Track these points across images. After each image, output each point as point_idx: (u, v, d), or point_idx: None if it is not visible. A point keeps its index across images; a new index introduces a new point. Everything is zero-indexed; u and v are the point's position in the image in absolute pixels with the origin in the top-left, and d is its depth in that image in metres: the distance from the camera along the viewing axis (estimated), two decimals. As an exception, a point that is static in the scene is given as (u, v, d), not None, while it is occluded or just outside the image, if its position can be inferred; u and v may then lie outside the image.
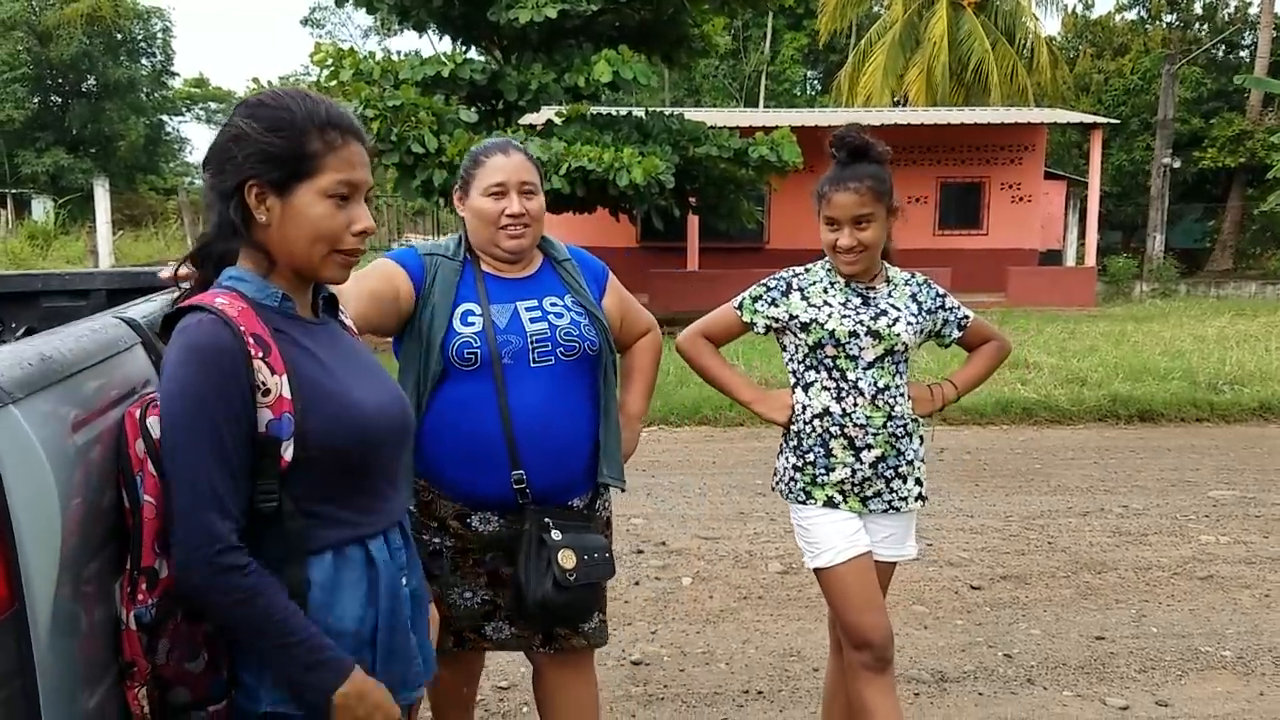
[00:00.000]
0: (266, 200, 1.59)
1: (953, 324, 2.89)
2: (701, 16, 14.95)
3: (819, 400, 2.73)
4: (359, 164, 1.64)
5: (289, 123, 1.59)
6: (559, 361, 2.48)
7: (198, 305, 1.57)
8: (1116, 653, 4.12)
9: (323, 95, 1.68)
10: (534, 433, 2.43)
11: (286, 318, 1.64)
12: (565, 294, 2.58)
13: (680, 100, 36.63)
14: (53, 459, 1.35)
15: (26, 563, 1.27)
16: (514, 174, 2.49)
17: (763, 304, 2.82)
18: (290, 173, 1.58)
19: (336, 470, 1.61)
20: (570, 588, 2.39)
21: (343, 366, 1.68)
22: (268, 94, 1.64)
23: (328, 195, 1.60)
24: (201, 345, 1.51)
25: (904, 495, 2.77)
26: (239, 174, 1.58)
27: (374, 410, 1.66)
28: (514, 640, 2.60)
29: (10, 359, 1.36)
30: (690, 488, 6.56)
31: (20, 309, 2.76)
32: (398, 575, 1.72)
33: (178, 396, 1.51)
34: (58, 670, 1.34)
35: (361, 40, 47.24)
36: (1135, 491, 6.55)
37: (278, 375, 1.56)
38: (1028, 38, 28.49)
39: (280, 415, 1.55)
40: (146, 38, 44.89)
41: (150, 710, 1.57)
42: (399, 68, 13.43)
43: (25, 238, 25.94)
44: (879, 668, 2.68)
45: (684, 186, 14.34)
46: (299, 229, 1.60)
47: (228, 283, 1.62)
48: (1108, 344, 12.35)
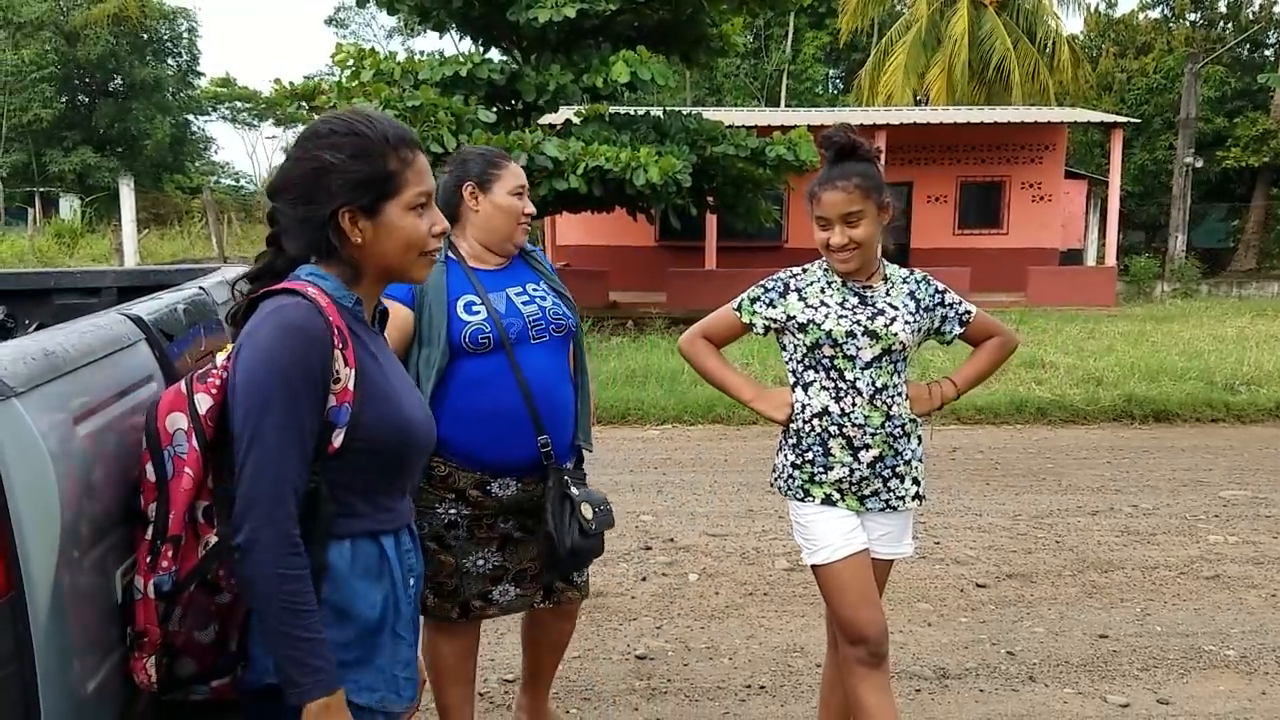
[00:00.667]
0: (359, 223, 1.69)
1: (953, 320, 2.88)
2: (720, 16, 14.97)
3: (818, 400, 2.75)
4: (427, 171, 1.76)
5: (368, 149, 1.68)
6: (551, 338, 2.82)
7: (289, 289, 1.65)
8: (1119, 651, 4.14)
9: (377, 111, 1.79)
10: (546, 400, 2.75)
11: (357, 319, 1.74)
12: (539, 280, 2.93)
13: (701, 99, 36.62)
14: (54, 451, 1.41)
15: (26, 550, 1.33)
16: (524, 179, 2.88)
17: (761, 305, 2.85)
18: (379, 195, 1.69)
19: (373, 466, 1.70)
20: (591, 535, 2.75)
21: (394, 375, 1.79)
22: (335, 122, 1.72)
23: (411, 208, 1.72)
24: (298, 326, 1.59)
25: (901, 494, 2.79)
26: (332, 202, 1.67)
27: (415, 419, 1.77)
28: (518, 601, 2.88)
29: (14, 354, 1.42)
30: (700, 485, 6.61)
31: (33, 306, 2.84)
32: (406, 574, 1.79)
33: (271, 371, 1.57)
34: (56, 654, 1.40)
35: (385, 40, 47.60)
36: (1146, 491, 6.55)
37: (349, 368, 1.66)
38: (1049, 36, 28.29)
39: (341, 405, 1.65)
40: (172, 38, 45.26)
41: (158, 680, 1.64)
42: (419, 68, 13.53)
43: (52, 236, 26.25)
44: (874, 663, 2.72)
45: (702, 186, 14.37)
46: (393, 242, 1.72)
47: (308, 277, 1.71)
48: (1126, 344, 12.30)
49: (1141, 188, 29.91)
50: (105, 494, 1.57)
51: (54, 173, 39.30)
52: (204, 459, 1.62)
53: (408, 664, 1.79)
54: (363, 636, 1.71)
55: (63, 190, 38.04)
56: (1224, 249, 29.11)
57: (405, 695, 1.78)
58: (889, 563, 2.89)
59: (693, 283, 17.56)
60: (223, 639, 1.67)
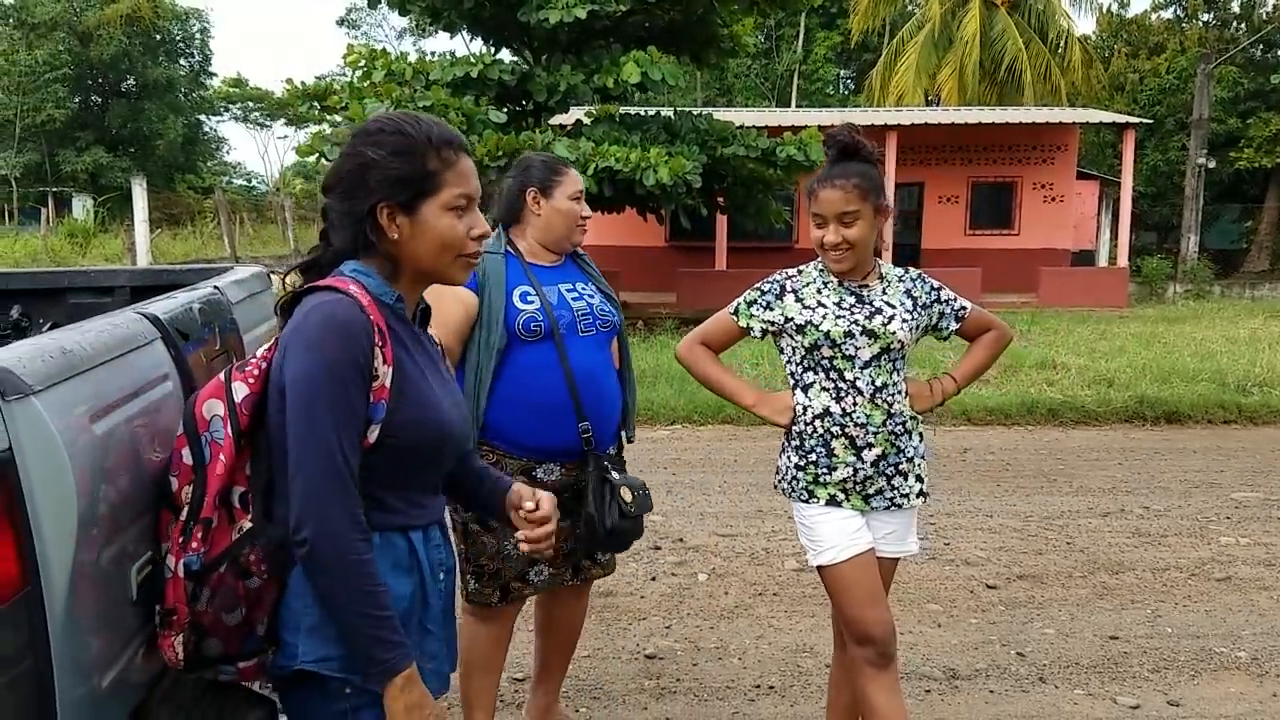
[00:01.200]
0: (396, 219, 1.73)
1: (950, 316, 2.89)
2: (731, 17, 14.97)
3: (819, 401, 2.76)
4: (471, 175, 1.78)
5: (410, 146, 1.72)
6: (598, 332, 3.01)
7: (332, 287, 1.69)
8: (1130, 652, 4.13)
9: (426, 115, 1.81)
10: (589, 390, 2.92)
11: (397, 317, 1.77)
12: (588, 281, 3.12)
13: (712, 100, 36.62)
14: (70, 447, 1.42)
15: (43, 545, 1.35)
16: (581, 185, 3.08)
17: (757, 308, 2.85)
18: (416, 192, 1.72)
19: (406, 462, 1.73)
20: (631, 518, 2.90)
21: (431, 372, 1.81)
22: (385, 120, 1.78)
23: (449, 208, 1.74)
24: (344, 321, 1.64)
25: (905, 492, 2.80)
26: (371, 198, 1.71)
27: (448, 417, 1.79)
28: (550, 580, 3.04)
29: (32, 352, 1.43)
30: (710, 486, 6.61)
31: (47, 305, 2.86)
32: (435, 568, 1.82)
33: (321, 365, 1.62)
34: (73, 647, 1.42)
35: (396, 41, 47.66)
36: (1157, 493, 6.53)
37: (386, 365, 1.69)
38: (1061, 36, 28.22)
39: (378, 401, 1.68)
40: (185, 38, 45.42)
41: (184, 657, 1.67)
42: (430, 69, 13.56)
43: (65, 235, 26.39)
44: (882, 663, 2.72)
45: (712, 186, 14.38)
46: (428, 241, 1.74)
47: (351, 274, 1.75)
48: (1137, 345, 12.27)
49: (1154, 188, 29.82)
50: (120, 491, 1.58)
51: (67, 172, 39.48)
52: (238, 445, 1.67)
53: (434, 657, 1.81)
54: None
55: (75, 190, 38.23)
56: (1237, 250, 29.00)
57: (433, 688, 1.79)
58: (895, 561, 2.89)
59: (703, 283, 17.57)
60: (249, 622, 1.69)
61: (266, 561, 1.67)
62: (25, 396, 1.35)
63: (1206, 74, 23.51)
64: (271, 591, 1.69)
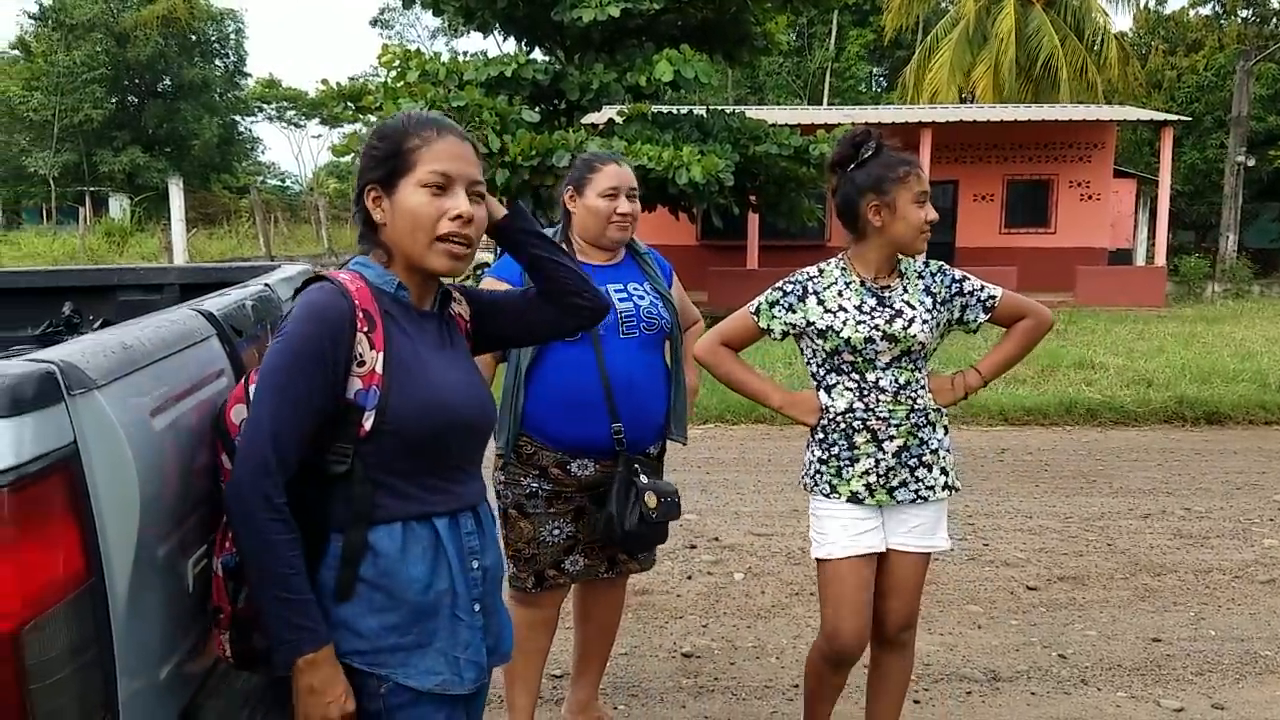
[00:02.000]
0: (381, 202, 1.77)
1: (976, 307, 2.83)
2: (763, 14, 14.93)
3: (842, 400, 2.77)
4: (455, 156, 1.77)
5: (390, 129, 1.78)
6: (641, 334, 2.99)
7: (323, 276, 1.75)
8: (1173, 655, 4.09)
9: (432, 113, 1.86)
10: (625, 391, 2.92)
11: (398, 303, 1.79)
12: (644, 281, 3.11)
13: (743, 98, 36.54)
14: (133, 440, 1.44)
15: (106, 537, 1.36)
16: (625, 180, 3.04)
17: (779, 309, 2.83)
18: (392, 170, 1.75)
19: (408, 447, 1.72)
20: (652, 523, 2.90)
21: (437, 356, 1.81)
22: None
23: (423, 185, 1.74)
24: (316, 305, 1.69)
25: (930, 484, 2.80)
26: (361, 181, 1.78)
27: (454, 400, 1.78)
28: (586, 570, 3.08)
29: (95, 348, 1.45)
30: (745, 485, 6.60)
31: (97, 302, 2.90)
32: (465, 557, 1.80)
33: (284, 341, 1.67)
34: (133, 639, 1.43)
35: (429, 41, 47.93)
36: (1199, 494, 6.45)
37: (375, 351, 1.70)
38: (1098, 33, 27.96)
39: (368, 387, 1.69)
40: (220, 39, 45.84)
41: (232, 654, 1.71)
42: (464, 69, 13.61)
43: (102, 235, 26.71)
44: (838, 667, 2.90)
45: (744, 184, 14.35)
46: (402, 221, 1.76)
47: (354, 266, 1.81)
48: (1176, 345, 12.13)
49: (1192, 187, 29.47)
50: (180, 484, 1.60)
51: (104, 172, 39.95)
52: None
53: (469, 645, 1.80)
54: (417, 619, 1.73)
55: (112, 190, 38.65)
56: (1276, 249, 28.57)
57: (468, 677, 1.80)
58: (925, 556, 2.88)
59: (734, 282, 17.52)
60: None
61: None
62: (89, 391, 1.37)
63: (1245, 71, 23.20)
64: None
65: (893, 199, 2.69)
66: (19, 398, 1.24)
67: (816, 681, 2.98)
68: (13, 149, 40.28)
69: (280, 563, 1.61)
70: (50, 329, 2.74)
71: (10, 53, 42.53)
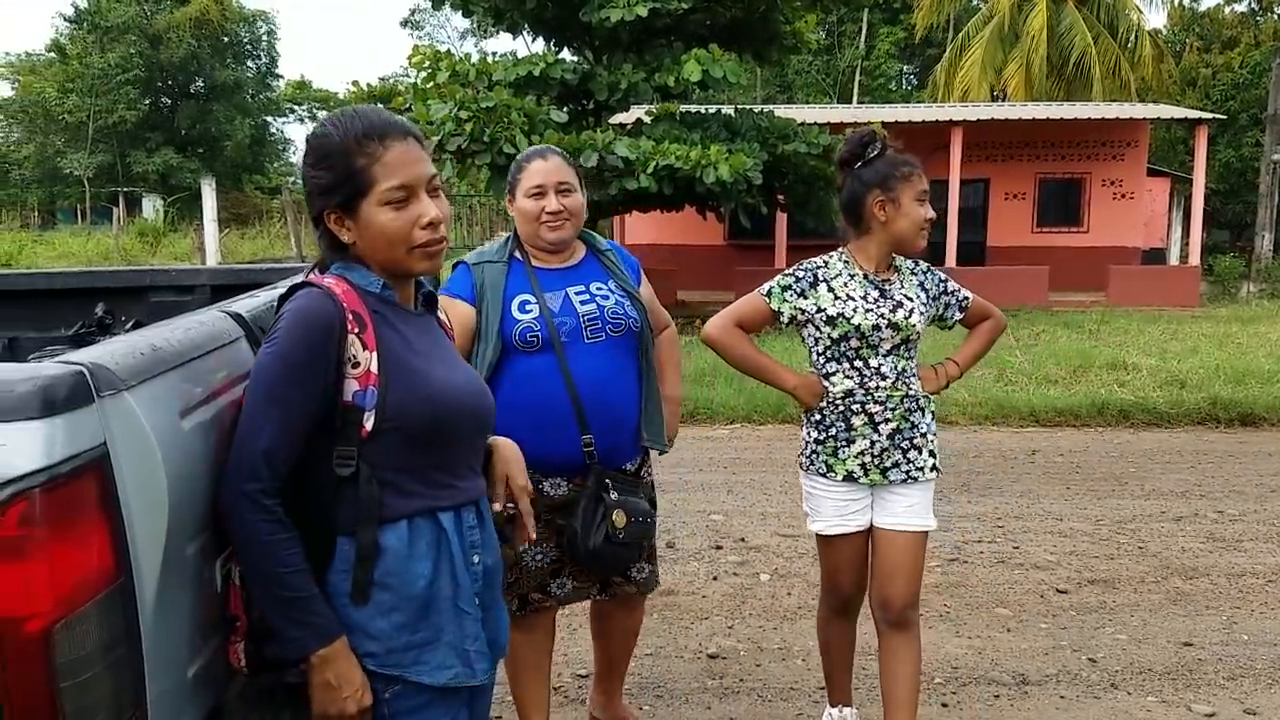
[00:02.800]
0: (345, 222, 1.76)
1: (954, 307, 3.10)
2: (793, 13, 14.88)
3: (841, 387, 2.94)
4: (408, 162, 1.74)
5: (330, 150, 1.73)
6: (608, 338, 2.81)
7: (308, 283, 1.75)
8: (1205, 659, 4.04)
9: (365, 108, 1.79)
10: (595, 401, 2.76)
11: (385, 302, 1.79)
12: (608, 279, 2.93)
13: (772, 97, 36.46)
14: (162, 442, 1.46)
15: (135, 538, 1.38)
16: (551, 176, 2.82)
17: (791, 294, 2.98)
18: (348, 194, 1.73)
19: (412, 443, 1.73)
20: (618, 543, 2.75)
21: (429, 351, 1.82)
22: (319, 123, 1.80)
23: (384, 203, 1.73)
24: (305, 311, 1.69)
25: (920, 465, 2.98)
26: (315, 208, 1.77)
27: (451, 392, 1.79)
28: (575, 593, 2.94)
29: (124, 349, 1.47)
30: (771, 485, 6.58)
31: (129, 303, 2.93)
32: (466, 551, 1.81)
33: (274, 348, 1.68)
34: (162, 639, 1.45)
35: (459, 41, 48.07)
36: (1232, 497, 6.38)
37: (368, 351, 1.71)
38: (1131, 31, 27.68)
39: (365, 387, 1.70)
40: (252, 40, 46.29)
41: (248, 664, 1.71)
42: (493, 69, 13.65)
43: (136, 235, 27.02)
44: (841, 613, 3.19)
45: (772, 184, 14.30)
46: (374, 239, 1.75)
47: (337, 270, 1.80)
48: (1210, 345, 11.98)
49: (1226, 185, 29.11)
50: (207, 485, 1.62)
51: (138, 173, 40.42)
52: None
53: (477, 638, 1.81)
54: (423, 615, 1.74)
55: (146, 190, 39.11)
56: (1313, 248, 28.15)
57: (479, 669, 1.81)
58: (923, 535, 3.04)
59: (762, 281, 17.32)
60: None
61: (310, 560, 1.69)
62: (119, 392, 1.38)
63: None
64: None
65: (897, 195, 2.89)
66: (50, 399, 1.26)
67: (827, 638, 3.25)
68: (48, 150, 40.84)
69: (277, 562, 1.62)
70: (83, 329, 2.77)
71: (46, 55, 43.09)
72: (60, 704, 1.27)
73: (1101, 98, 25.78)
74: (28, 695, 1.25)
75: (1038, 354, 11.10)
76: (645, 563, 3.04)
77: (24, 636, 1.24)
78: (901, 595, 3.00)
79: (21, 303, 3.05)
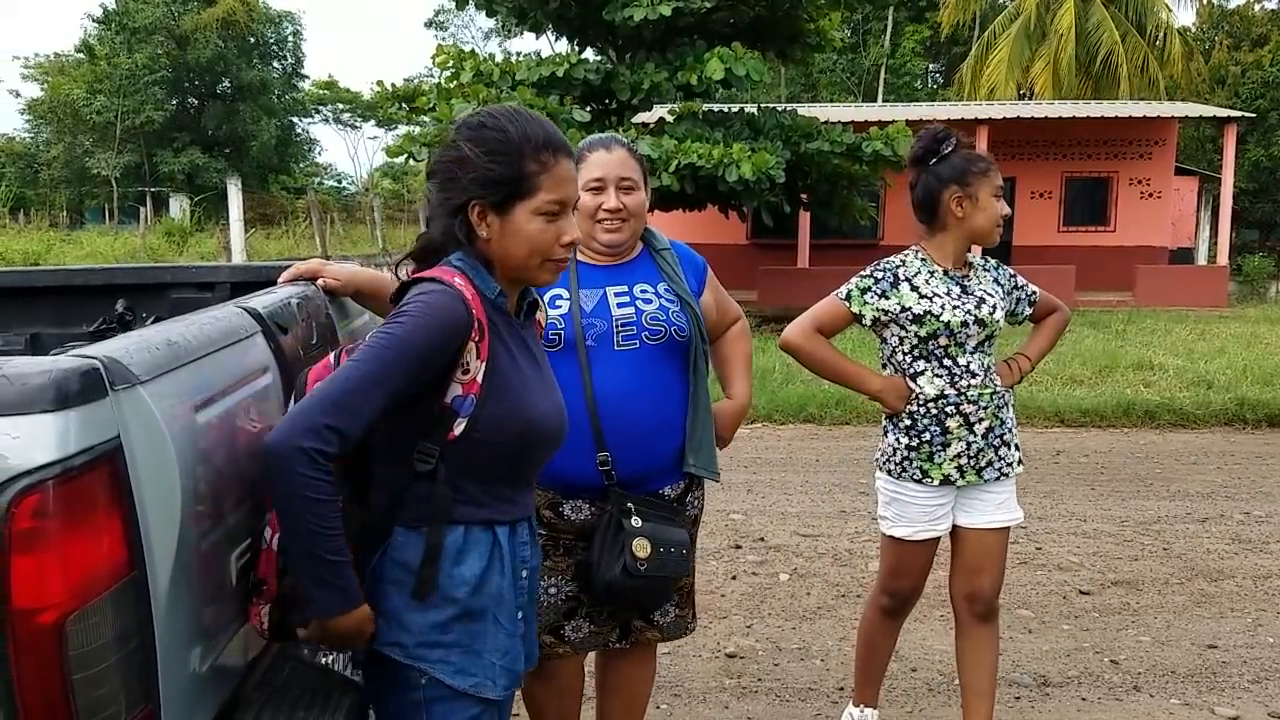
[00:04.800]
0: (487, 218, 1.75)
1: (1024, 302, 3.08)
2: (817, 11, 14.82)
3: (931, 387, 2.89)
4: (568, 180, 1.77)
5: (506, 148, 1.72)
6: (643, 345, 2.48)
7: (438, 278, 1.72)
8: (1229, 662, 3.99)
9: (533, 114, 1.80)
10: (618, 414, 2.44)
11: (499, 311, 1.79)
12: (659, 281, 2.59)
13: (797, 95, 36.34)
14: (176, 435, 1.46)
15: (148, 531, 1.38)
16: (613, 170, 2.50)
17: (872, 295, 2.93)
18: (508, 194, 1.73)
19: (494, 456, 1.75)
20: (638, 576, 2.39)
21: (530, 369, 1.82)
22: (487, 115, 1.78)
23: (540, 213, 1.74)
24: (439, 308, 1.67)
25: (1010, 461, 2.98)
26: (463, 194, 1.74)
27: (541, 413, 1.80)
28: (591, 639, 2.60)
29: (139, 344, 1.48)
30: (792, 485, 6.56)
31: (150, 300, 2.96)
32: (518, 564, 1.83)
33: (398, 331, 1.65)
34: (175, 633, 1.46)
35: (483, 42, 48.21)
36: (1259, 498, 6.30)
37: (480, 361, 1.71)
38: (1160, 28, 27.44)
39: (468, 395, 1.71)
40: (278, 41, 46.60)
41: (270, 628, 1.73)
42: (516, 69, 13.69)
43: (162, 235, 27.25)
44: (893, 614, 3.16)
45: (795, 183, 14.27)
46: (516, 244, 1.76)
47: (460, 265, 1.77)
48: (1238, 346, 11.86)
49: (1255, 184, 28.79)
50: (222, 480, 1.62)
51: (164, 173, 40.77)
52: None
53: (506, 653, 1.82)
54: (463, 620, 1.75)
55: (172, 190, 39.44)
56: (1344, 248, 27.84)
57: (500, 684, 1.81)
58: (1007, 530, 3.03)
59: (784, 280, 17.44)
60: None
61: (354, 546, 1.69)
62: (133, 386, 1.39)
63: (1314, 65, 22.59)
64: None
65: (975, 191, 2.87)
66: (64, 392, 1.26)
67: (871, 638, 3.21)
68: (76, 150, 41.24)
69: (320, 520, 1.58)
70: (104, 326, 2.79)
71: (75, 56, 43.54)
72: (73, 697, 1.27)
73: (1130, 96, 25.57)
74: (40, 688, 1.26)
75: (1063, 354, 11.00)
76: (674, 606, 2.67)
77: (37, 629, 1.24)
78: (990, 588, 3.02)
79: (44, 299, 3.08)
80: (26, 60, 46.23)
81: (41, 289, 3.08)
